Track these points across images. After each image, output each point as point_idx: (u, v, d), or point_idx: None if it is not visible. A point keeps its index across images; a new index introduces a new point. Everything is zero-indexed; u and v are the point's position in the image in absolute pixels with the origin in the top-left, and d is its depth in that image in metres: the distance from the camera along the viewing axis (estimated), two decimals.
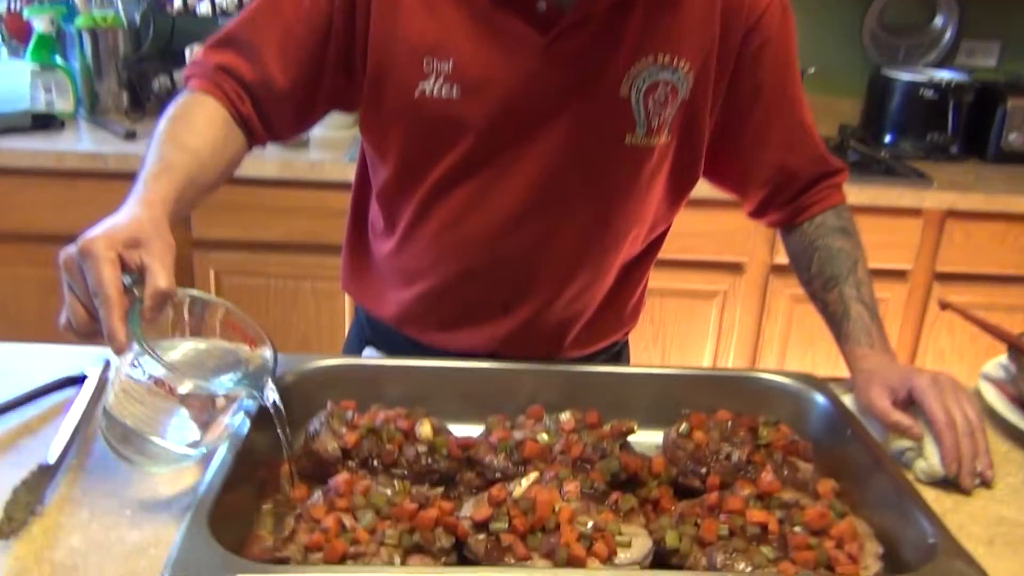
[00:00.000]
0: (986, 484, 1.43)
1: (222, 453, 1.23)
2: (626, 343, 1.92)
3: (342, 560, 1.09)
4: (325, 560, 1.09)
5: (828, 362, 3.56)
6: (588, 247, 1.61)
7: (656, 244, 1.77)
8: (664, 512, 1.29)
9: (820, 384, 1.53)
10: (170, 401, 1.20)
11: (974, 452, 1.39)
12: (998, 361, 1.82)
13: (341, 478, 1.23)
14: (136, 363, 1.18)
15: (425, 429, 1.36)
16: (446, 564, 1.15)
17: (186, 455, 1.28)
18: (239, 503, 1.21)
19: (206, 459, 1.25)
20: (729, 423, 1.42)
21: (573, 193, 1.55)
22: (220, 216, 3.20)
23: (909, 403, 1.46)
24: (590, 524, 1.16)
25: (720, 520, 1.20)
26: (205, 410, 1.20)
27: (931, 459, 1.42)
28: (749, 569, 1.12)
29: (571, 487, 1.24)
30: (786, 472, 1.34)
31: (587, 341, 1.74)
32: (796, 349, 3.58)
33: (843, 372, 1.60)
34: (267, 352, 1.31)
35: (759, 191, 1.72)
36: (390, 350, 1.77)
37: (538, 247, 1.58)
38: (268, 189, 3.20)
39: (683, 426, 1.42)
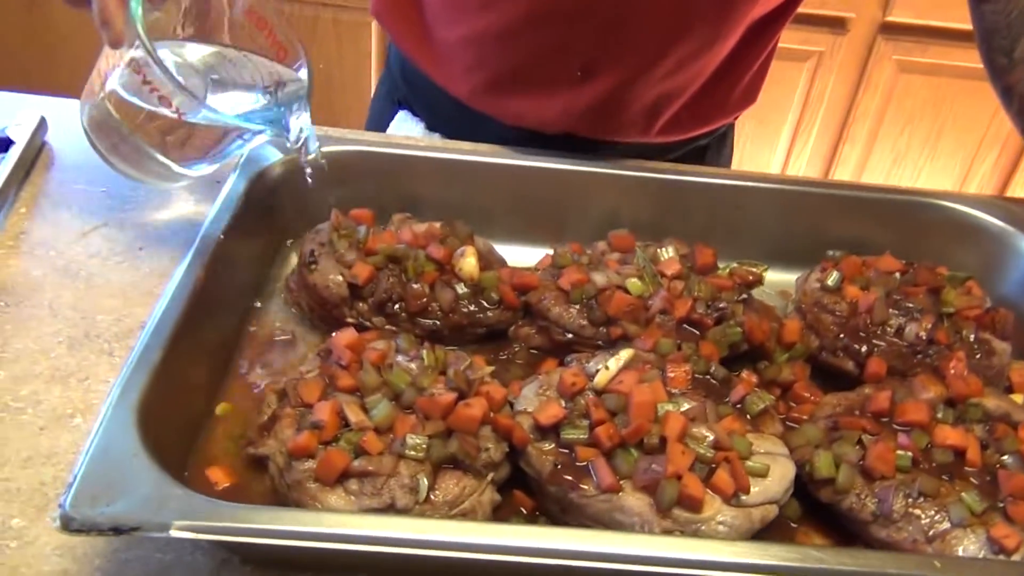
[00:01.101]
0: None
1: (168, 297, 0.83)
2: (732, 126, 1.46)
3: (340, 480, 0.73)
4: (315, 477, 0.73)
5: (925, 146, 3.06)
6: None
7: None
8: (804, 409, 0.90)
9: None
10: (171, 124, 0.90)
11: None
12: None
13: (344, 337, 0.84)
14: (131, 72, 0.86)
15: (468, 263, 0.95)
16: (495, 484, 0.79)
17: (183, 175, 0.99)
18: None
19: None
20: (898, 276, 1.00)
21: None
22: None
23: None
24: (710, 438, 0.78)
25: (897, 442, 0.81)
26: (212, 138, 0.94)
27: None
28: (947, 529, 0.75)
29: (679, 372, 0.84)
30: (978, 356, 0.94)
31: (688, 121, 1.28)
32: (891, 129, 3.07)
33: (946, 167, 1.14)
34: (301, 70, 0.95)
35: None
36: (431, 115, 1.31)
37: None
38: None
39: (832, 276, 0.99)
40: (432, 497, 0.73)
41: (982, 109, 2.88)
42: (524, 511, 0.81)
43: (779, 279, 1.11)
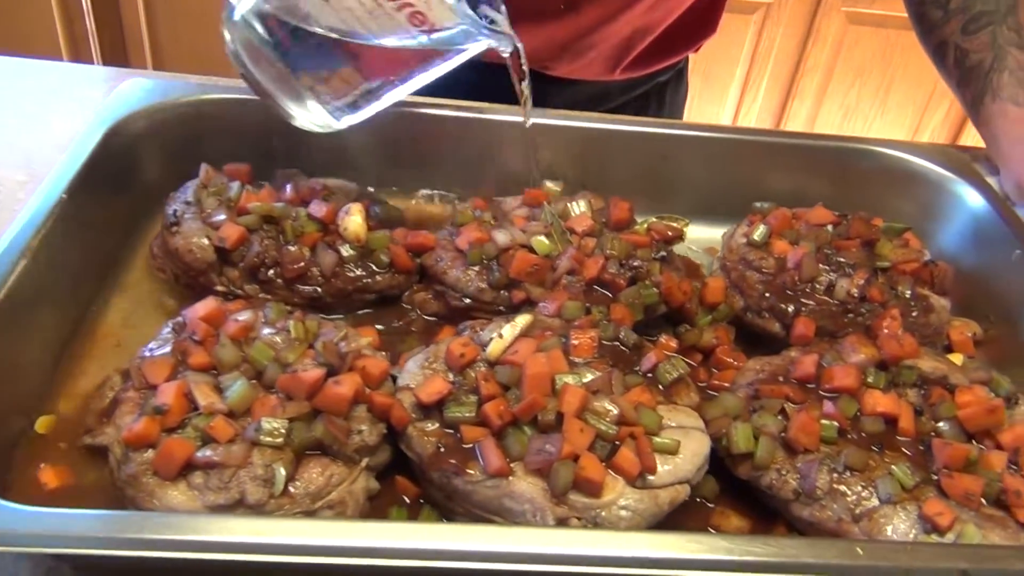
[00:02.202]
0: None
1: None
2: (687, 60, 1.41)
3: (182, 473, 0.63)
4: (154, 470, 0.63)
5: (875, 99, 3.00)
6: None
7: None
8: (726, 376, 0.82)
9: (966, 167, 1.00)
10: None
11: None
12: None
13: (201, 308, 0.74)
14: None
15: (354, 222, 0.85)
16: (370, 471, 0.69)
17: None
18: None
19: None
20: (830, 228, 0.91)
21: None
22: None
23: None
24: (613, 412, 0.69)
25: (823, 411, 0.73)
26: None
27: None
28: (875, 507, 0.67)
29: (584, 339, 0.75)
30: (915, 314, 0.86)
31: (653, 56, 1.26)
32: (840, 82, 3.00)
33: (897, 119, 1.08)
34: None
35: None
36: None
37: None
38: None
39: (759, 229, 0.91)
40: (291, 489, 0.64)
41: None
42: (407, 500, 0.72)
43: (707, 235, 1.02)
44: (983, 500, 0.68)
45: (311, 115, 0.82)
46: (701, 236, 1.03)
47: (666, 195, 1.03)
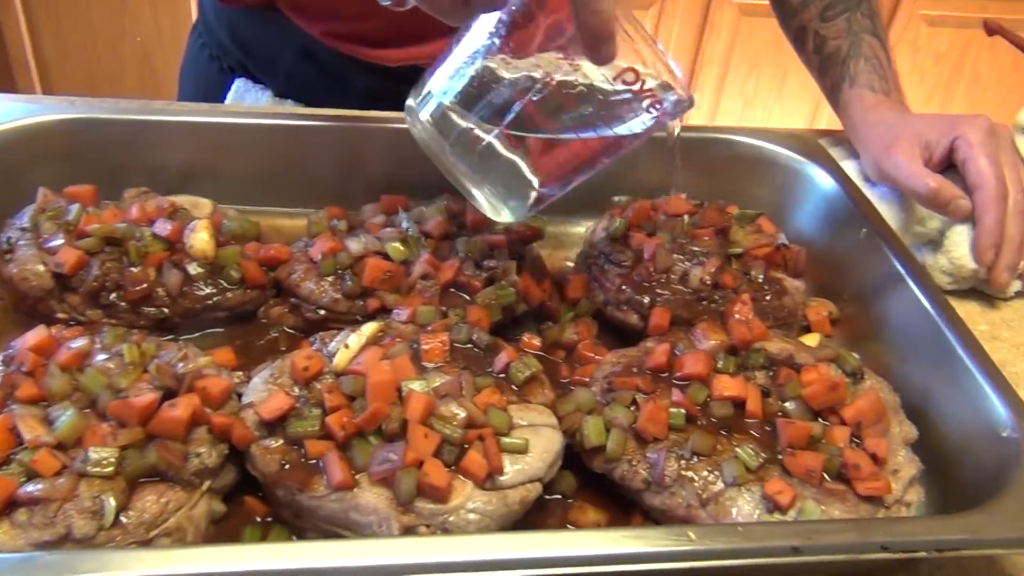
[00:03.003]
0: None
1: None
2: None
3: (6, 511, 0.60)
4: None
5: (772, 88, 3.08)
6: None
7: None
8: (587, 371, 0.82)
9: (817, 150, 1.03)
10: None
11: (1021, 239, 0.96)
12: None
13: (31, 338, 0.71)
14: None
15: (200, 239, 0.83)
16: (215, 494, 0.68)
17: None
18: None
19: None
20: (686, 219, 0.93)
21: None
22: None
23: (943, 167, 1.01)
24: (461, 416, 0.69)
25: (671, 400, 0.74)
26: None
27: (956, 249, 0.98)
28: (721, 490, 0.68)
29: (434, 343, 0.75)
30: (768, 298, 0.88)
31: None
32: (737, 73, 3.07)
33: (795, 107, 1.11)
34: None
35: None
36: (272, 75, 1.20)
37: None
38: None
39: (615, 223, 0.92)
40: (124, 520, 0.62)
41: None
42: (259, 519, 0.70)
43: (577, 231, 1.03)
44: (826, 476, 0.70)
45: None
46: (573, 232, 1.03)
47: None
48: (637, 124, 0.72)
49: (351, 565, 0.55)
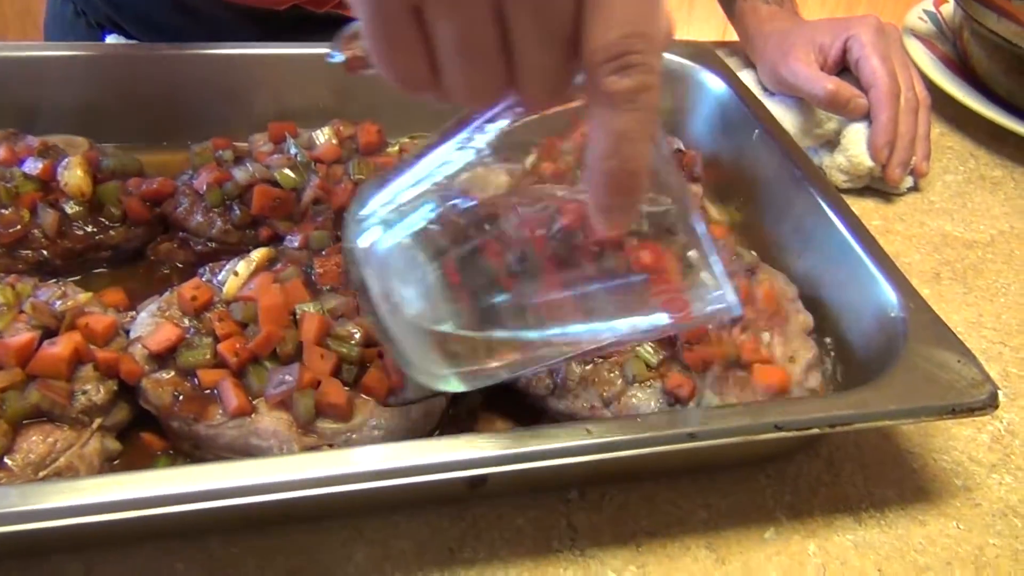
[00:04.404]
0: (919, 175, 1.04)
1: None
2: None
3: None
4: None
5: (681, 5, 3.07)
6: None
7: None
8: None
9: (710, 56, 1.03)
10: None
11: (912, 135, 0.99)
12: (922, 8, 1.38)
13: None
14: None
15: (74, 175, 0.79)
16: (108, 431, 0.66)
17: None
18: None
19: None
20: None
21: None
22: None
23: (838, 69, 1.04)
24: (358, 335, 0.68)
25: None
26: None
27: (852, 148, 1.00)
28: (622, 389, 0.69)
29: (329, 266, 0.73)
30: None
31: None
32: None
33: (707, 22, 1.13)
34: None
35: None
36: (145, 29, 1.13)
37: None
38: None
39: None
40: (8, 462, 0.59)
41: None
42: (159, 453, 0.68)
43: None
44: (726, 366, 0.72)
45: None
46: None
47: (422, 114, 1.01)
48: (643, 323, 0.51)
49: (254, 483, 0.54)
